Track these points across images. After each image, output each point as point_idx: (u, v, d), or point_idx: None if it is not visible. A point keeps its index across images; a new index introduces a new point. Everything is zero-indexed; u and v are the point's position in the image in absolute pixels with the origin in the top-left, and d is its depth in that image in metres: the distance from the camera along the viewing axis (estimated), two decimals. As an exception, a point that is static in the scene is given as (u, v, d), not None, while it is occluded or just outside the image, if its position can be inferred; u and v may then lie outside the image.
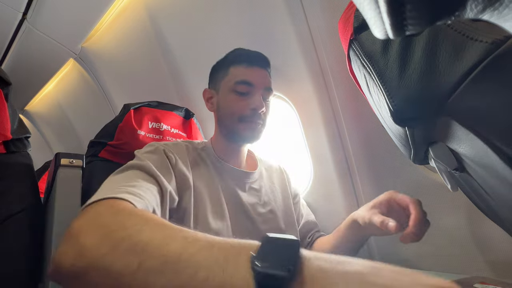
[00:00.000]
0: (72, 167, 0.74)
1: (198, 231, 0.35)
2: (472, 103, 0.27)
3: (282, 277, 0.23)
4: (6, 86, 0.66)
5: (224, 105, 0.71)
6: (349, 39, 0.38)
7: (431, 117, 0.31)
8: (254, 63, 0.71)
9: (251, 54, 0.73)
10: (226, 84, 0.71)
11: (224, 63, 0.73)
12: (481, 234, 0.64)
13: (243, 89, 0.68)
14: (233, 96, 0.69)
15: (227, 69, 0.72)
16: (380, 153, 0.76)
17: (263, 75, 0.71)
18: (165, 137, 0.88)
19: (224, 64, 0.73)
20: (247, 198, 0.70)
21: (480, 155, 0.29)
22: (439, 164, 0.39)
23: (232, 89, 0.69)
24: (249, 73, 0.69)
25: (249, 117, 0.68)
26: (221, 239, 0.29)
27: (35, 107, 2.02)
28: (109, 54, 1.32)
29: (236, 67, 0.70)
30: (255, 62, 0.71)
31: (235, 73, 0.70)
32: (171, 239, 0.30)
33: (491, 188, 0.33)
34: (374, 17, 0.15)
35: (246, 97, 0.69)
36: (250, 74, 0.69)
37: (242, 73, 0.69)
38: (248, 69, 0.70)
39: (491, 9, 0.12)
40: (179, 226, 0.33)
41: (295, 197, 0.84)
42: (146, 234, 0.31)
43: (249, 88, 0.69)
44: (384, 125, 0.44)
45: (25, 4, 1.11)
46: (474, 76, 0.25)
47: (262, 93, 0.70)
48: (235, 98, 0.69)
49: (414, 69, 0.30)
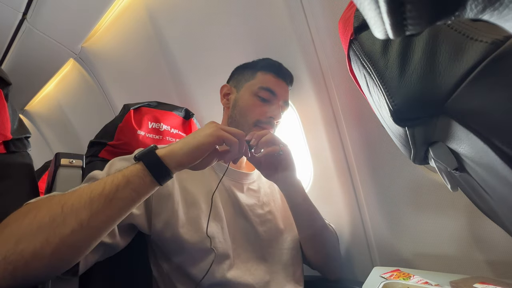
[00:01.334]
0: (72, 167, 0.74)
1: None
2: (472, 103, 0.27)
3: (151, 147, 0.46)
4: (6, 86, 0.65)
5: (243, 105, 0.72)
6: (349, 39, 0.38)
7: (431, 117, 0.31)
8: (281, 76, 0.75)
9: (281, 67, 0.77)
10: (249, 86, 0.73)
11: (253, 66, 0.77)
12: (481, 234, 0.64)
13: (265, 95, 0.72)
14: (254, 100, 0.72)
15: (254, 72, 0.75)
16: (380, 153, 0.76)
17: (286, 89, 0.76)
18: (165, 137, 0.88)
19: (253, 67, 0.77)
20: (245, 199, 0.70)
21: (480, 155, 0.29)
22: (439, 164, 0.39)
23: (255, 93, 0.72)
24: (275, 83, 0.73)
25: (263, 123, 0.71)
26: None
27: (35, 107, 2.02)
28: (109, 54, 1.32)
29: (264, 74, 0.74)
30: (282, 76, 0.76)
31: (262, 79, 0.73)
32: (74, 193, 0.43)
33: (491, 188, 0.33)
34: (374, 17, 0.15)
35: (266, 104, 0.72)
36: (275, 84, 0.73)
37: (268, 81, 0.73)
38: (275, 79, 0.74)
39: (491, 9, 0.12)
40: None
41: None
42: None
43: (271, 97, 0.72)
44: (384, 125, 0.44)
45: (25, 4, 1.11)
46: (474, 76, 0.25)
47: (281, 105, 0.74)
48: (255, 102, 0.72)
49: (414, 69, 0.30)
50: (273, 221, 0.72)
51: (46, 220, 0.38)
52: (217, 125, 0.51)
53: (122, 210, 0.42)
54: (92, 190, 0.41)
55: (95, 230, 0.40)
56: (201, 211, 0.61)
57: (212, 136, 0.48)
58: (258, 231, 0.68)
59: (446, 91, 0.27)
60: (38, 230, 0.37)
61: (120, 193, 0.41)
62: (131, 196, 0.42)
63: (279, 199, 0.78)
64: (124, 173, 0.43)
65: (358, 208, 0.83)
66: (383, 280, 0.55)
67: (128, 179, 0.42)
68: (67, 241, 0.38)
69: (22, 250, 0.36)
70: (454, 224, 0.67)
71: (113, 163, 0.59)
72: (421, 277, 0.57)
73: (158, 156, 0.45)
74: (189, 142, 0.48)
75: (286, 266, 0.68)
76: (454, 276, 0.57)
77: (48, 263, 0.37)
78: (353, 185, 0.83)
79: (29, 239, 0.36)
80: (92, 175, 0.55)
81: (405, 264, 0.74)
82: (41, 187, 1.20)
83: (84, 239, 0.40)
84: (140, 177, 0.43)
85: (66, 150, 0.81)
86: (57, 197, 0.42)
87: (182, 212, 0.60)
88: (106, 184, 0.42)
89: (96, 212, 0.39)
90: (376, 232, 0.80)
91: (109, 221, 0.41)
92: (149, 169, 0.44)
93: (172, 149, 0.47)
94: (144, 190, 0.44)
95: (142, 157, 0.45)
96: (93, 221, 0.39)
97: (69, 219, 0.38)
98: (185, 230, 0.58)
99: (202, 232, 0.59)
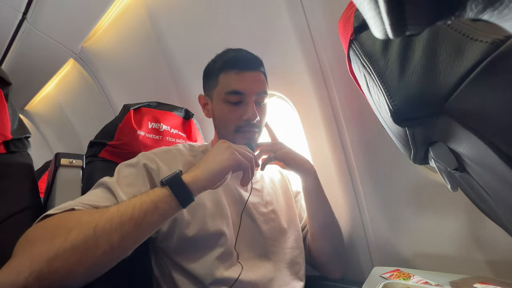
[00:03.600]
0: (72, 167, 0.74)
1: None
2: (472, 103, 0.27)
3: (176, 173, 0.49)
4: (6, 86, 0.65)
5: (218, 115, 0.69)
6: (349, 39, 0.38)
7: (431, 117, 0.31)
8: (243, 67, 0.67)
9: (241, 57, 0.69)
10: (217, 94, 0.68)
11: (213, 70, 0.70)
12: (481, 234, 0.64)
13: (234, 99, 0.66)
14: (225, 107, 0.67)
15: (216, 77, 0.68)
16: (380, 153, 0.76)
17: (255, 79, 0.67)
18: (165, 137, 0.88)
19: (214, 71, 0.70)
20: (250, 198, 0.70)
21: (480, 155, 0.29)
22: (439, 164, 0.39)
23: (224, 100, 0.67)
24: (240, 80, 0.66)
25: (244, 127, 0.67)
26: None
27: (35, 107, 2.02)
28: (109, 54, 1.32)
29: (226, 75, 0.67)
30: (245, 66, 0.67)
31: (225, 82, 0.67)
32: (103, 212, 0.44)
33: (491, 188, 0.33)
34: (374, 17, 0.15)
35: (239, 107, 0.66)
36: (240, 81, 0.66)
37: (232, 82, 0.66)
38: (238, 75, 0.66)
39: (491, 9, 0.12)
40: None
41: (296, 195, 0.85)
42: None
43: (241, 97, 0.66)
44: (384, 125, 0.44)
45: (25, 4, 1.11)
46: (474, 76, 0.25)
47: (256, 99, 0.67)
48: (227, 108, 0.67)
49: (414, 69, 0.30)
50: (276, 220, 0.72)
51: (78, 242, 0.40)
52: (231, 148, 0.54)
53: (148, 233, 0.46)
54: (122, 214, 0.43)
55: (123, 251, 0.43)
56: (207, 210, 0.62)
57: (230, 160, 0.52)
58: (262, 229, 0.68)
59: (446, 91, 0.27)
60: (72, 251, 0.39)
61: (148, 217, 0.44)
62: (158, 220, 0.45)
63: (282, 199, 0.79)
64: (152, 198, 0.46)
65: (358, 208, 0.82)
66: (383, 280, 0.55)
67: (156, 205, 0.45)
68: (99, 262, 0.41)
69: (57, 269, 0.38)
70: (454, 224, 0.67)
71: (120, 170, 0.59)
72: (421, 277, 0.57)
73: (184, 183, 0.48)
74: (210, 167, 0.51)
75: (290, 264, 0.69)
76: (454, 276, 0.57)
77: (80, 279, 0.40)
78: (353, 185, 0.83)
79: (62, 258, 0.38)
80: (103, 181, 0.55)
81: (405, 264, 0.74)
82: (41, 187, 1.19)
83: (113, 259, 0.43)
84: (167, 202, 0.46)
85: (66, 150, 0.81)
86: (86, 217, 0.43)
87: (187, 212, 0.60)
88: (135, 208, 0.44)
89: (126, 236, 0.42)
90: (376, 232, 0.80)
91: (136, 243, 0.45)
92: (175, 195, 0.47)
93: (195, 175, 0.50)
94: (169, 214, 0.47)
95: (168, 183, 0.48)
96: (123, 243, 0.42)
97: (101, 242, 0.40)
98: (190, 229, 0.59)
99: (207, 231, 0.60)
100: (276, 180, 0.83)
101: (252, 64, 0.68)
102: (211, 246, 0.60)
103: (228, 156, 0.52)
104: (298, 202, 0.84)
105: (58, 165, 0.72)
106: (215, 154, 0.53)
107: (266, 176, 0.81)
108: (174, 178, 0.48)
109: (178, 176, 0.49)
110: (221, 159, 0.52)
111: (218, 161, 0.52)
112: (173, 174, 0.49)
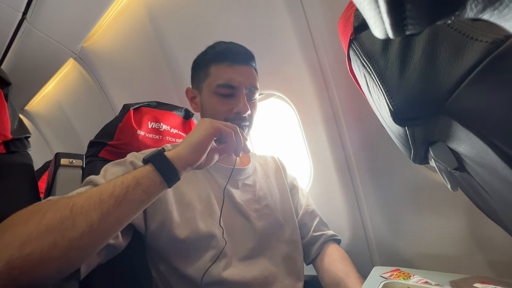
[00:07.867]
0: (72, 167, 0.74)
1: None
2: (472, 103, 0.27)
3: (159, 150, 0.48)
4: (6, 86, 0.65)
5: (207, 107, 0.68)
6: (349, 38, 0.38)
7: (431, 117, 0.31)
8: (236, 60, 0.66)
9: (233, 50, 0.68)
10: (208, 86, 0.67)
11: (204, 62, 0.69)
12: (481, 234, 0.64)
13: (225, 91, 0.65)
14: (216, 99, 0.66)
15: (207, 68, 0.67)
16: (380, 152, 0.76)
17: (247, 73, 0.67)
18: (165, 137, 0.88)
19: (204, 63, 0.69)
20: (240, 195, 0.69)
21: (480, 155, 0.29)
22: (439, 164, 0.39)
23: (214, 92, 0.66)
24: (231, 73, 0.65)
25: (233, 120, 0.65)
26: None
27: (35, 107, 2.02)
28: (109, 54, 1.32)
29: (217, 67, 0.66)
30: (237, 60, 0.66)
31: (216, 74, 0.66)
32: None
33: (491, 188, 0.33)
34: (374, 17, 0.15)
35: (230, 99, 0.66)
36: (232, 74, 0.65)
37: (223, 74, 0.65)
38: (230, 68, 0.66)
39: (491, 9, 0.12)
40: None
41: (292, 188, 0.82)
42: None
43: (232, 90, 0.65)
44: (384, 125, 0.44)
45: (25, 4, 1.11)
46: (474, 76, 0.25)
47: (247, 93, 0.67)
48: (218, 101, 0.66)
49: (414, 69, 0.30)
50: (271, 215, 0.70)
51: (54, 223, 0.36)
52: (211, 119, 0.53)
53: (131, 212, 0.42)
54: (101, 192, 0.41)
55: (104, 232, 0.40)
56: (196, 211, 0.61)
57: (209, 129, 0.50)
58: (256, 226, 0.67)
59: (446, 90, 0.27)
60: (46, 233, 0.36)
61: (130, 194, 0.41)
62: (141, 197, 0.42)
63: (276, 192, 0.76)
64: (134, 175, 0.44)
65: (358, 208, 0.83)
66: (383, 280, 0.55)
67: (138, 180, 0.43)
68: (76, 244, 0.37)
69: (28, 254, 0.34)
70: (454, 223, 0.67)
71: (107, 168, 0.58)
72: (421, 277, 0.57)
73: (167, 158, 0.46)
74: (190, 140, 0.50)
75: (286, 259, 0.68)
76: (454, 276, 0.57)
77: (55, 266, 0.36)
78: (353, 185, 0.82)
79: (35, 242, 0.35)
80: (90, 179, 0.54)
81: (405, 264, 0.74)
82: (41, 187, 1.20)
83: (93, 241, 0.39)
84: (150, 178, 0.44)
85: (66, 150, 0.81)
86: (63, 199, 0.40)
87: (177, 213, 0.59)
88: (116, 185, 0.42)
89: (106, 214, 0.39)
90: (376, 232, 0.80)
91: (118, 223, 0.41)
92: (158, 170, 0.45)
93: (177, 151, 0.48)
94: (153, 191, 0.44)
95: (151, 159, 0.46)
96: (103, 223, 0.39)
97: (79, 221, 0.37)
98: (181, 230, 0.58)
99: (198, 232, 0.59)
100: (270, 171, 0.80)
101: (244, 57, 0.68)
102: (203, 248, 0.59)
103: (207, 126, 0.51)
104: (295, 196, 0.81)
105: (58, 165, 0.72)
106: (196, 128, 0.52)
107: (259, 168, 0.79)
108: (156, 154, 0.47)
109: (161, 152, 0.47)
110: (201, 130, 0.51)
111: (198, 133, 0.50)
112: (156, 151, 0.47)
